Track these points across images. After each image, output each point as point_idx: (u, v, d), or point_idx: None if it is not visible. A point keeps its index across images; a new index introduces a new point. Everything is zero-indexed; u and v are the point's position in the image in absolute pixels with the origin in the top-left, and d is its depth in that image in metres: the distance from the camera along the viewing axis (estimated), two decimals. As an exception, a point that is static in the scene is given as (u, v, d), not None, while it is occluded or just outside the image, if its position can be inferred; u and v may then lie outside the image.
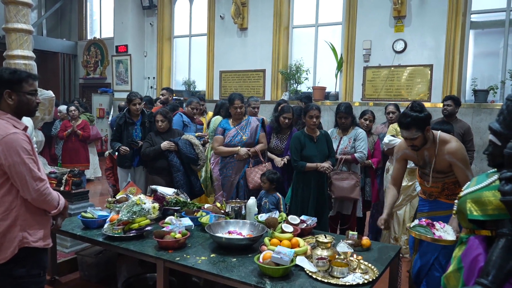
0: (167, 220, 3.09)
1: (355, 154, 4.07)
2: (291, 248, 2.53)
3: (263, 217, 3.15)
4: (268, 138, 4.41)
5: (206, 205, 3.61)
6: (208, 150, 4.93)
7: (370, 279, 2.30)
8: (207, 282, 2.82)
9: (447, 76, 6.61)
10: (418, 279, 2.78)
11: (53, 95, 4.97)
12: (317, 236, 2.62)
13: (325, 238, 2.55)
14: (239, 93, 4.33)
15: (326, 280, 2.27)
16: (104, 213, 3.33)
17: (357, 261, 2.46)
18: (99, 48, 11.53)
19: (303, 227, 3.05)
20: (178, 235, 2.75)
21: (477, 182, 1.77)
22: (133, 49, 10.12)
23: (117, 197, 3.52)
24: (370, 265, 2.50)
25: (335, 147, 4.16)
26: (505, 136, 1.61)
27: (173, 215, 3.23)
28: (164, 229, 2.86)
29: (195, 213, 3.36)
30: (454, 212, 1.92)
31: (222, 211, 3.35)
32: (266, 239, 2.70)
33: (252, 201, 3.26)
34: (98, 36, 11.74)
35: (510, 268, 1.50)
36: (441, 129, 3.40)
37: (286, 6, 8.29)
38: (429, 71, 6.77)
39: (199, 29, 9.71)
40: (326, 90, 7.89)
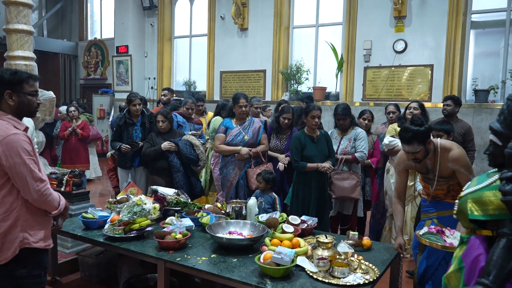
0: (167, 220, 3.09)
1: (356, 154, 4.07)
2: (292, 248, 2.52)
3: (263, 217, 3.15)
4: (268, 138, 4.41)
5: (206, 206, 3.61)
6: (208, 150, 4.93)
7: (371, 279, 2.30)
8: (207, 282, 2.82)
9: (447, 76, 6.60)
10: (423, 279, 2.78)
11: (54, 95, 4.97)
12: (317, 236, 2.62)
13: (326, 238, 2.55)
14: (244, 93, 4.34)
15: (327, 280, 2.27)
16: (105, 213, 3.33)
17: (358, 261, 2.46)
18: (100, 48, 11.54)
19: (304, 227, 3.05)
20: (178, 236, 2.75)
21: (478, 182, 1.77)
22: (134, 50, 10.13)
23: (118, 198, 3.52)
24: (371, 265, 2.50)
25: (336, 147, 4.16)
26: (506, 136, 1.61)
27: (174, 216, 3.23)
28: (164, 229, 2.86)
29: (196, 214, 3.36)
30: (455, 212, 1.91)
31: (223, 212, 3.35)
32: (267, 240, 2.70)
33: (252, 201, 3.26)
34: (98, 37, 11.76)
35: (511, 268, 1.50)
36: (441, 129, 3.40)
37: (287, 6, 8.29)
38: (430, 71, 6.77)
39: (199, 29, 9.72)
40: (327, 90, 7.90)
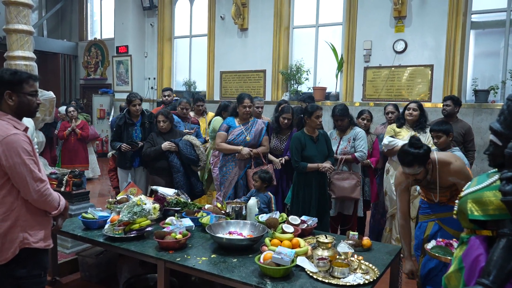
0: (167, 220, 3.09)
1: (356, 154, 4.07)
2: (292, 248, 2.52)
3: (263, 217, 3.15)
4: (268, 139, 4.41)
5: (206, 206, 3.62)
6: (208, 150, 4.93)
7: (371, 279, 2.30)
8: (206, 282, 2.81)
9: (447, 76, 6.61)
10: (425, 281, 2.77)
11: (54, 96, 4.96)
12: (317, 236, 2.62)
13: (326, 238, 2.55)
14: (248, 94, 4.35)
15: (326, 281, 2.27)
16: (105, 213, 3.33)
17: (357, 261, 2.46)
18: (100, 48, 11.54)
19: (304, 227, 3.05)
20: (178, 236, 2.75)
21: (478, 182, 1.77)
22: (134, 50, 10.13)
23: (118, 198, 3.52)
24: (371, 265, 2.50)
25: (335, 148, 4.16)
26: (506, 136, 1.61)
27: (174, 216, 3.23)
28: (164, 229, 2.86)
29: (196, 214, 3.36)
30: (455, 212, 1.91)
31: (223, 212, 3.35)
32: (267, 240, 2.70)
33: (252, 201, 3.25)
34: (98, 37, 11.76)
35: (511, 268, 1.50)
36: (440, 129, 3.40)
37: (287, 6, 8.29)
38: (430, 71, 6.77)
39: (199, 29, 9.72)
40: (327, 91, 7.90)
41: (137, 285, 3.28)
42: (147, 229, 2.97)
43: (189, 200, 3.74)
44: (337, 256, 2.47)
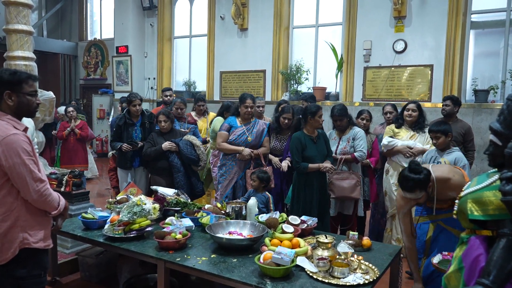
0: (167, 220, 3.09)
1: (355, 153, 4.07)
2: (292, 248, 2.52)
3: (263, 217, 3.15)
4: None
5: (206, 206, 3.61)
6: (208, 150, 4.93)
7: (371, 279, 2.30)
8: (206, 282, 2.81)
9: (447, 76, 6.60)
10: (428, 281, 2.77)
11: (54, 96, 4.96)
12: (317, 236, 2.62)
13: (326, 238, 2.55)
14: (251, 94, 4.34)
15: (326, 281, 2.27)
16: (105, 214, 3.33)
17: (357, 261, 2.46)
18: (100, 49, 11.54)
19: (304, 227, 3.05)
20: (178, 236, 2.75)
21: (478, 182, 1.77)
22: (134, 50, 10.13)
23: (118, 198, 3.52)
24: (370, 265, 2.50)
25: (335, 148, 4.16)
26: (506, 136, 1.61)
27: (174, 216, 3.23)
28: (164, 229, 2.86)
29: (196, 214, 3.36)
30: (455, 212, 1.92)
31: (223, 212, 3.35)
32: (267, 240, 2.70)
33: (252, 201, 3.25)
34: (98, 37, 11.76)
35: (511, 268, 1.50)
36: (439, 130, 3.39)
37: (286, 6, 8.29)
38: (430, 71, 6.77)
39: (199, 29, 9.72)
40: (327, 91, 7.89)
41: (137, 285, 3.28)
42: (147, 229, 2.97)
43: (189, 200, 3.74)
44: (337, 256, 2.47)
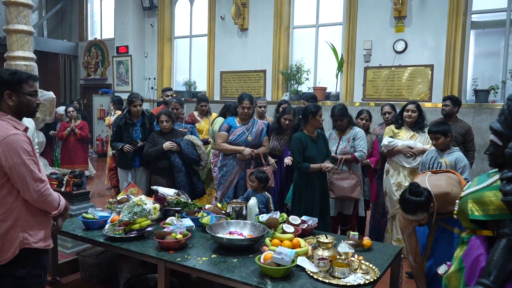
0: (168, 220, 3.09)
1: (355, 153, 4.07)
2: (292, 248, 2.52)
3: (264, 217, 3.15)
4: (269, 139, 4.41)
5: (207, 206, 3.61)
6: (208, 150, 4.93)
7: (371, 280, 2.30)
8: (206, 282, 2.81)
9: (447, 76, 6.60)
10: (431, 282, 2.77)
11: (54, 96, 4.96)
12: (318, 236, 2.62)
13: (326, 238, 2.54)
14: (249, 94, 4.33)
15: (327, 281, 2.27)
16: (105, 214, 3.34)
17: (358, 261, 2.46)
18: (100, 49, 11.54)
19: (304, 227, 3.05)
20: (179, 236, 2.75)
21: (478, 182, 1.77)
22: (134, 50, 10.13)
23: (118, 198, 3.52)
24: (371, 265, 2.49)
25: (335, 148, 4.16)
26: (506, 136, 1.61)
27: (174, 216, 3.24)
28: (165, 229, 2.86)
29: (196, 214, 3.36)
30: (455, 212, 1.91)
31: (223, 212, 3.35)
32: (267, 240, 2.70)
33: (253, 201, 3.25)
34: (98, 37, 11.76)
35: (512, 268, 1.50)
36: (438, 131, 3.38)
37: (287, 6, 8.29)
38: (430, 71, 6.77)
39: (199, 29, 9.72)
40: (327, 91, 7.89)
41: (137, 285, 3.28)
42: (148, 229, 2.97)
43: (190, 200, 3.74)
44: (338, 256, 2.47)
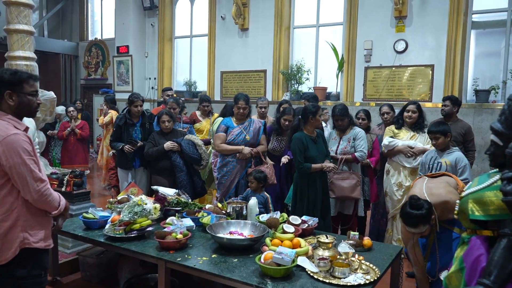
0: (168, 220, 3.10)
1: (356, 153, 4.06)
2: (293, 248, 2.52)
3: (264, 217, 3.15)
4: (268, 139, 4.41)
5: (207, 206, 3.61)
6: (210, 151, 4.93)
7: (372, 280, 2.30)
8: (207, 282, 2.81)
9: (448, 76, 6.60)
10: (432, 282, 2.77)
11: (55, 96, 4.96)
12: (318, 236, 2.62)
13: (327, 238, 2.54)
14: (245, 94, 4.32)
15: (327, 281, 2.27)
16: (106, 213, 3.34)
17: (358, 261, 2.46)
18: (100, 49, 11.54)
19: (305, 227, 3.05)
20: (179, 236, 2.75)
21: (479, 182, 1.77)
22: (134, 50, 10.13)
23: (119, 198, 3.53)
24: (371, 265, 2.49)
25: (335, 148, 4.16)
26: (507, 136, 1.61)
27: (175, 216, 3.24)
28: (165, 229, 2.87)
29: (196, 214, 3.36)
30: (456, 212, 1.91)
31: (223, 212, 3.35)
32: (268, 240, 2.70)
33: (253, 201, 3.25)
34: (99, 37, 11.76)
35: (512, 268, 1.50)
36: (438, 131, 3.38)
37: (287, 6, 8.29)
38: (430, 71, 6.76)
39: (200, 29, 9.72)
40: (327, 91, 7.89)
41: (137, 285, 3.29)
42: (148, 229, 2.97)
43: (190, 200, 3.74)
44: (338, 256, 2.47)
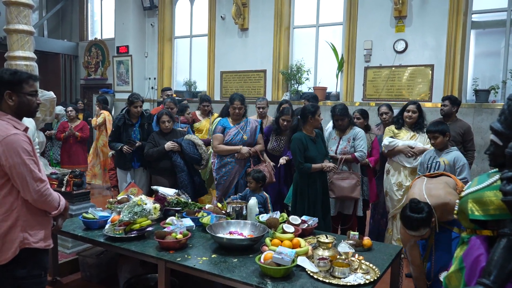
0: (168, 220, 3.10)
1: (355, 153, 4.06)
2: (292, 248, 2.52)
3: (264, 217, 3.15)
4: (268, 139, 4.41)
5: (207, 206, 3.62)
6: (211, 151, 4.93)
7: (372, 279, 2.30)
8: (207, 282, 2.81)
9: (448, 76, 6.60)
10: (433, 283, 2.77)
11: (54, 96, 4.96)
12: (318, 236, 2.62)
13: (326, 238, 2.55)
14: (240, 94, 4.32)
15: (327, 281, 2.27)
16: (105, 213, 3.34)
17: (358, 261, 2.46)
18: (100, 49, 11.53)
19: (304, 227, 3.05)
20: (179, 236, 2.75)
21: (479, 182, 1.77)
22: (134, 50, 10.12)
23: (118, 198, 3.53)
24: (371, 265, 2.49)
25: (335, 147, 4.16)
26: (507, 136, 1.61)
27: (174, 216, 3.24)
28: (165, 229, 2.87)
29: (196, 214, 3.36)
30: (456, 212, 1.91)
31: (223, 212, 3.35)
32: (267, 240, 2.70)
33: (253, 201, 3.26)
34: (99, 37, 11.75)
35: (512, 268, 1.50)
36: (436, 130, 3.38)
37: (287, 6, 8.29)
38: (430, 71, 6.76)
39: (200, 29, 9.71)
40: (327, 91, 7.89)
41: (137, 285, 3.29)
42: (148, 229, 2.97)
43: (190, 200, 3.74)
44: (338, 256, 2.47)
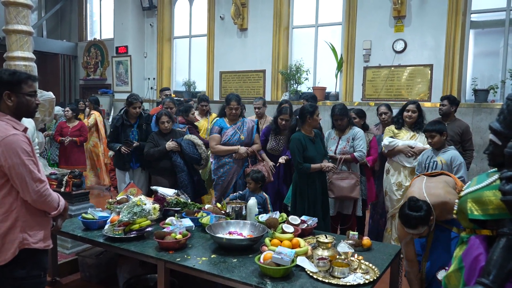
0: (167, 221, 3.09)
1: (355, 153, 4.06)
2: (292, 248, 2.53)
3: (263, 217, 3.15)
4: (267, 139, 4.41)
5: (206, 206, 3.62)
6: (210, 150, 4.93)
7: (371, 279, 2.31)
8: (206, 282, 2.81)
9: (447, 76, 6.60)
10: (432, 283, 2.77)
11: (53, 96, 4.96)
12: (317, 236, 2.62)
13: (326, 238, 2.55)
14: (236, 94, 4.33)
15: (327, 281, 2.27)
16: (105, 214, 3.34)
17: (358, 261, 2.46)
18: (99, 49, 11.52)
19: (304, 227, 3.05)
20: (178, 236, 2.75)
21: (478, 182, 1.77)
22: (133, 50, 10.12)
23: (118, 198, 3.52)
24: (371, 265, 2.50)
25: (334, 147, 4.16)
26: (506, 135, 1.61)
27: (174, 216, 3.24)
28: (164, 230, 2.87)
29: (196, 214, 3.36)
30: (455, 212, 1.92)
31: (223, 212, 3.35)
32: (267, 240, 2.70)
33: (252, 201, 3.26)
34: (98, 37, 11.74)
35: (511, 267, 1.50)
36: (434, 129, 3.39)
37: (286, 6, 8.29)
38: (429, 71, 6.77)
39: (199, 29, 9.71)
40: (326, 90, 7.89)
41: (137, 285, 3.29)
42: (147, 229, 2.97)
43: (189, 200, 3.74)
44: (337, 256, 2.47)
